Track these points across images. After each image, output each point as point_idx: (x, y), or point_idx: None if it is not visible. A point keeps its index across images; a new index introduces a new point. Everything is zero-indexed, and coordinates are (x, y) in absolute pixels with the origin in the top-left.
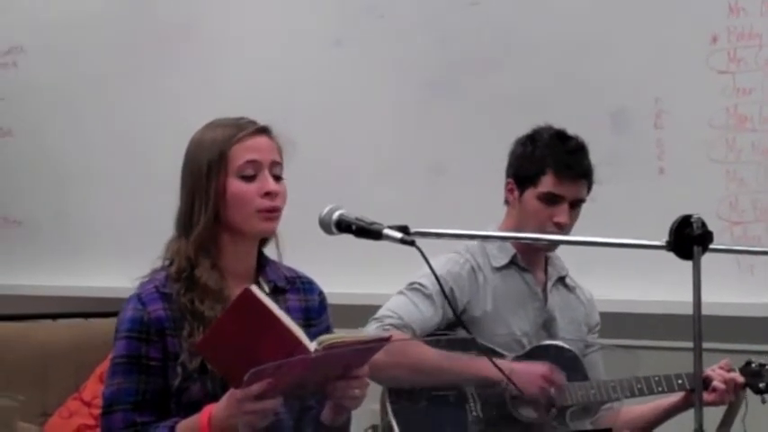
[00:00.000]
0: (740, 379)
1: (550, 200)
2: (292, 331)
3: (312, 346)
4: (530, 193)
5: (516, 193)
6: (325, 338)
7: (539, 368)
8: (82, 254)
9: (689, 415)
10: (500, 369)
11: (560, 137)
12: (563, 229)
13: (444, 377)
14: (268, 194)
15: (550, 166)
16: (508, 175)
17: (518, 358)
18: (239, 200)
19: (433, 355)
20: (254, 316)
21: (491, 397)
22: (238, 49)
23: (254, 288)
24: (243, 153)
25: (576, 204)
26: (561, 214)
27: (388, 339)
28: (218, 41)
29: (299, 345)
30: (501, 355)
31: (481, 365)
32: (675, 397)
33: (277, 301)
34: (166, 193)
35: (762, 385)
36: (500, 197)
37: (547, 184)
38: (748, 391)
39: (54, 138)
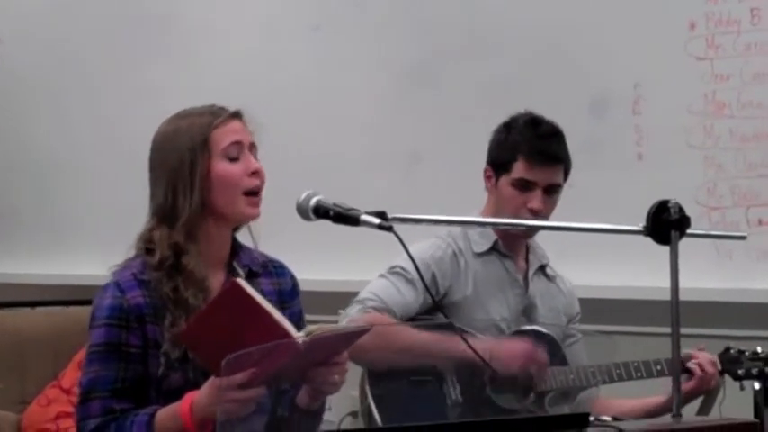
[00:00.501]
0: (715, 359)
1: (523, 186)
2: (279, 322)
3: (299, 335)
4: (504, 180)
5: (493, 180)
6: (312, 329)
7: (520, 346)
8: (61, 242)
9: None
10: (477, 353)
11: (534, 123)
12: (538, 215)
13: (425, 359)
14: (254, 174)
15: (522, 152)
16: (487, 162)
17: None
18: (227, 181)
19: (414, 338)
20: (240, 308)
21: (470, 381)
22: (218, 37)
23: (241, 280)
24: (225, 136)
25: (550, 190)
26: (534, 200)
27: (367, 330)
28: (197, 30)
29: (285, 335)
30: (479, 338)
31: (461, 348)
32: (663, 396)
33: (251, 285)
34: (144, 183)
35: (740, 372)
36: (478, 184)
37: (519, 170)
38: (727, 378)
39: (34, 127)
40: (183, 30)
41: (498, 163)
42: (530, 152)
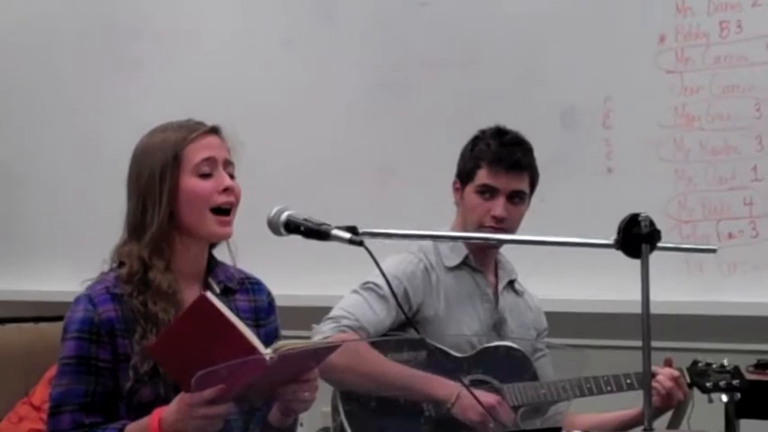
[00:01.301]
0: (676, 373)
1: (486, 192)
2: (247, 337)
3: (267, 353)
4: (469, 189)
5: (460, 191)
6: (280, 345)
7: (486, 399)
8: (31, 257)
9: None
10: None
11: (499, 133)
12: (501, 223)
13: (394, 390)
14: (225, 190)
15: (485, 159)
16: (455, 176)
17: (469, 359)
18: (195, 197)
19: (387, 367)
20: (208, 322)
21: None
22: (190, 49)
23: (210, 294)
24: (198, 152)
25: (514, 197)
26: (497, 207)
27: (338, 346)
28: (169, 41)
29: (252, 351)
30: (451, 356)
31: (431, 385)
32: (635, 409)
33: (227, 302)
34: (116, 196)
35: (708, 385)
36: (449, 197)
37: (482, 176)
38: (695, 391)
39: (3, 138)
40: (156, 42)
41: (464, 173)
42: (492, 159)
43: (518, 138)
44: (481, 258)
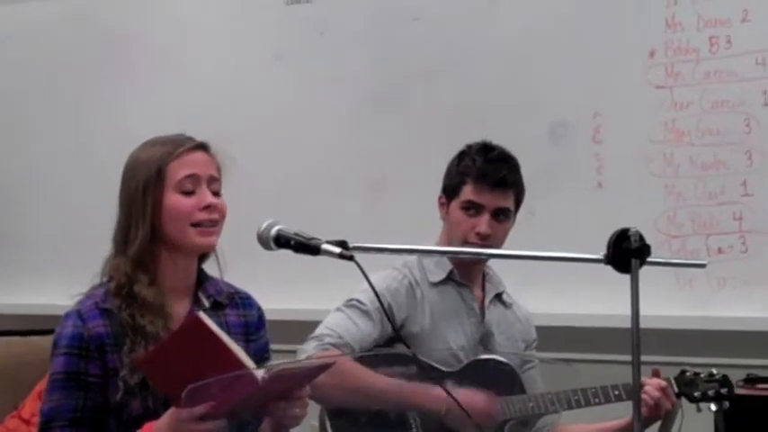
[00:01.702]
0: (663, 383)
1: (471, 209)
2: (238, 357)
3: (259, 373)
4: (454, 205)
5: (446, 206)
6: (272, 366)
7: (480, 399)
8: (20, 271)
9: None
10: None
11: (485, 149)
12: (485, 239)
13: (383, 403)
14: (206, 208)
15: (470, 175)
16: (441, 191)
17: (456, 373)
18: (176, 213)
19: (373, 381)
20: (200, 341)
21: (429, 415)
22: (179, 61)
23: (202, 314)
24: (181, 168)
25: (498, 215)
26: (482, 224)
27: (331, 364)
28: (158, 53)
29: (244, 373)
30: (438, 371)
31: (420, 396)
32: (623, 420)
33: (217, 317)
34: (106, 208)
35: (696, 394)
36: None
37: (467, 193)
38: (684, 401)
39: None
40: (146, 54)
41: (449, 189)
42: (477, 175)
43: (504, 154)
44: (467, 273)
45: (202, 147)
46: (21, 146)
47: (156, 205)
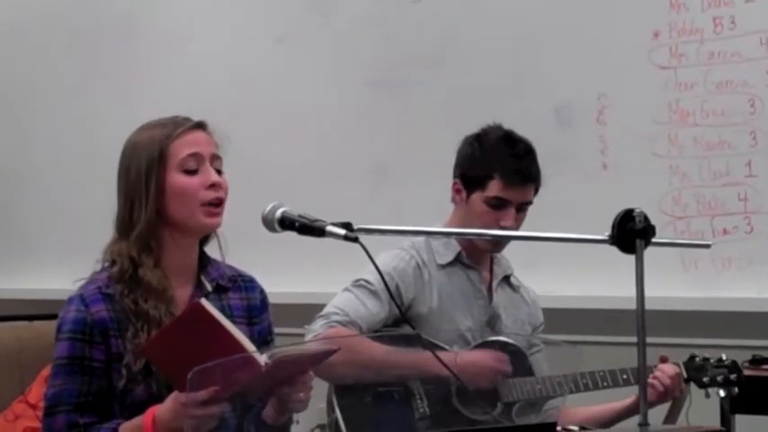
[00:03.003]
0: (678, 369)
1: (497, 204)
2: (242, 343)
3: (262, 358)
4: (477, 196)
5: (463, 194)
6: (275, 351)
7: (484, 357)
8: (24, 256)
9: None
10: (445, 365)
11: (508, 140)
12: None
13: (393, 373)
14: (212, 186)
15: (498, 170)
16: (455, 176)
17: None
18: (183, 193)
19: (381, 352)
20: (203, 329)
21: (437, 393)
22: (181, 46)
23: (204, 301)
24: (183, 147)
25: (521, 207)
26: (507, 218)
27: (334, 351)
28: (160, 39)
29: (248, 357)
30: (446, 351)
31: (428, 360)
32: (629, 399)
33: (219, 300)
34: (109, 194)
35: (705, 380)
36: (443, 196)
37: (494, 188)
38: (692, 385)
39: None
40: (147, 39)
41: (472, 179)
42: (506, 171)
43: (529, 146)
44: (475, 255)
45: (201, 125)
46: (23, 133)
47: (160, 186)
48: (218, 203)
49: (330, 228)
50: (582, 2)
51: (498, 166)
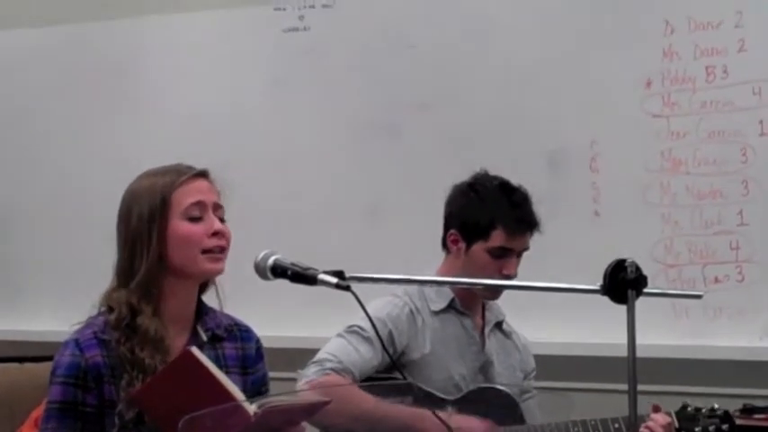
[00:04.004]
0: (674, 423)
1: (500, 254)
2: (231, 393)
3: (251, 408)
4: (479, 247)
5: (462, 244)
6: (265, 401)
7: (479, 428)
8: (16, 297)
9: None
10: (443, 421)
11: (505, 189)
12: (509, 278)
13: (383, 427)
14: (215, 234)
15: (501, 221)
16: (451, 226)
17: (456, 402)
18: (187, 241)
19: (372, 405)
20: (192, 376)
21: None
22: (176, 89)
23: (195, 350)
24: (187, 196)
25: (520, 254)
26: (510, 266)
27: (326, 403)
28: (156, 82)
29: (237, 407)
30: (439, 398)
31: (418, 417)
32: None
33: (214, 350)
34: (104, 237)
35: (697, 429)
36: (436, 239)
37: (498, 239)
38: None
39: None
40: (142, 82)
41: (473, 230)
42: (510, 221)
43: (525, 194)
44: (468, 302)
45: (204, 174)
46: (16, 173)
47: (162, 234)
48: (221, 251)
49: (322, 276)
50: (575, 49)
51: (501, 217)
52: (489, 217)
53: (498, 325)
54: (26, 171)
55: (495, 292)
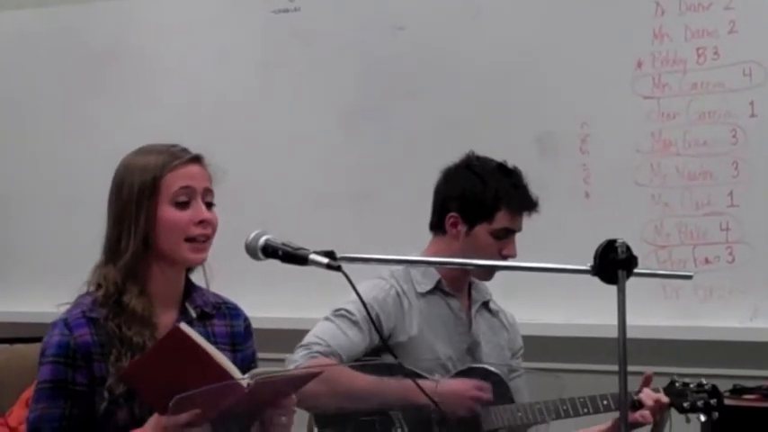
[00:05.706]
0: (665, 399)
1: (503, 235)
2: (223, 366)
3: (244, 380)
4: (482, 229)
5: (462, 227)
6: (258, 372)
7: (464, 386)
8: (5, 279)
9: None
10: (426, 393)
11: (505, 171)
12: (510, 258)
13: (374, 402)
14: (201, 222)
15: (505, 202)
16: (449, 209)
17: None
18: (171, 227)
19: (362, 382)
20: (183, 352)
21: (418, 422)
22: (164, 72)
23: (184, 325)
24: (176, 180)
25: (517, 233)
26: (511, 247)
27: (318, 373)
28: (144, 65)
29: (229, 378)
30: (427, 379)
31: (409, 389)
32: (605, 425)
33: (204, 327)
34: (92, 218)
35: (686, 404)
36: (425, 222)
37: (502, 220)
38: (672, 411)
39: None
40: (129, 65)
41: (475, 212)
42: (513, 202)
43: (521, 174)
44: (455, 283)
45: (197, 159)
46: (5, 156)
47: (150, 216)
48: (204, 240)
49: (313, 256)
50: (566, 31)
51: (504, 199)
52: (493, 199)
53: (485, 304)
54: (15, 155)
55: (491, 272)
